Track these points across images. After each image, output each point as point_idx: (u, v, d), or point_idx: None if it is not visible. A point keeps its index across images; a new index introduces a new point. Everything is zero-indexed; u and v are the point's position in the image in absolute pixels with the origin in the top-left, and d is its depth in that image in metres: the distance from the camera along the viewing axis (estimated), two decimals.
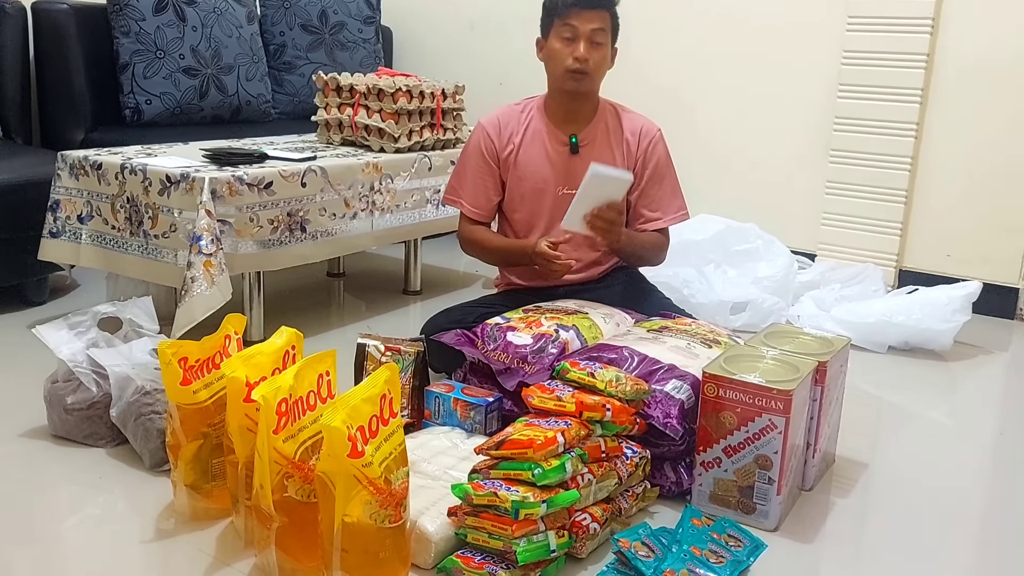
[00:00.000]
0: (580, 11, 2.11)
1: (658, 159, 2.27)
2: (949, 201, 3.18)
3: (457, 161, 2.37)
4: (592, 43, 2.13)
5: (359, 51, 3.96)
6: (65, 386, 1.92)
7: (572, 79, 2.15)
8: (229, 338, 1.71)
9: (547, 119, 2.25)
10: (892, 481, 1.95)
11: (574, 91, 2.18)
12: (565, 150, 2.24)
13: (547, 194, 2.25)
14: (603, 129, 2.26)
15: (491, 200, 2.29)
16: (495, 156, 2.27)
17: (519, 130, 2.26)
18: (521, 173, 2.26)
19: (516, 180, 2.26)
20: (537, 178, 2.25)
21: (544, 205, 2.25)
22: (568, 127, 2.24)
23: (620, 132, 2.27)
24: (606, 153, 2.24)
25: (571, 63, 2.13)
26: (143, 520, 1.67)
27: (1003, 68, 3.03)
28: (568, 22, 2.12)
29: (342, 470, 1.32)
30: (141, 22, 3.29)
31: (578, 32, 2.12)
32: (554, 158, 2.24)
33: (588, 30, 2.12)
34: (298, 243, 2.53)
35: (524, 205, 2.27)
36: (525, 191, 2.26)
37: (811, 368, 1.74)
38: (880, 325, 2.75)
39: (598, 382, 1.66)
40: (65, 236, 2.55)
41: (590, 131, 2.25)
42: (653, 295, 2.38)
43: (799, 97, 3.40)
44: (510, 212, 2.31)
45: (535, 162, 2.25)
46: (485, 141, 2.27)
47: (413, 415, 1.99)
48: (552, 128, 2.25)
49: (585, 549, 1.56)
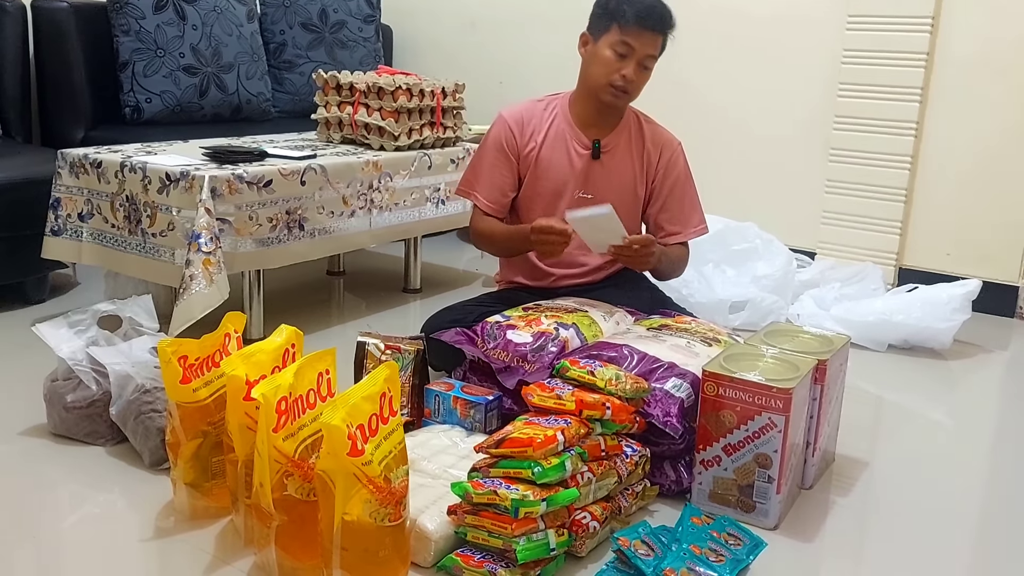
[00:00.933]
0: (643, 31, 2.07)
1: (678, 173, 2.26)
2: (949, 200, 3.18)
3: (474, 153, 2.34)
4: (642, 66, 2.11)
5: (359, 49, 3.96)
6: (65, 384, 1.92)
7: (612, 94, 2.13)
8: (229, 336, 1.71)
9: (571, 120, 2.23)
10: (892, 480, 1.95)
11: (609, 105, 2.17)
12: (587, 154, 2.22)
13: (564, 196, 2.23)
14: (626, 137, 2.24)
15: (506, 195, 2.26)
16: (515, 151, 2.24)
17: (542, 128, 2.23)
18: (540, 173, 2.23)
19: (534, 179, 2.24)
20: (556, 180, 2.23)
21: (560, 207, 2.22)
22: (592, 131, 2.22)
23: (642, 143, 2.25)
24: (626, 162, 2.23)
25: (617, 79, 2.10)
26: (143, 518, 1.67)
27: (1003, 66, 3.03)
28: (627, 40, 2.07)
29: (342, 468, 1.32)
30: (141, 20, 3.29)
31: (634, 52, 2.08)
32: (575, 161, 2.22)
33: (644, 54, 2.09)
34: (296, 241, 2.53)
35: (539, 205, 2.25)
36: (543, 191, 2.24)
37: (811, 367, 1.74)
38: (880, 324, 2.75)
39: (598, 380, 1.66)
40: (66, 234, 2.55)
41: (613, 138, 2.23)
42: (652, 293, 2.38)
43: (799, 95, 3.40)
44: (525, 211, 2.28)
45: (556, 163, 2.23)
46: (506, 135, 2.24)
47: (413, 413, 1.99)
48: (575, 130, 2.22)
49: (585, 547, 1.56)
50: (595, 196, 2.21)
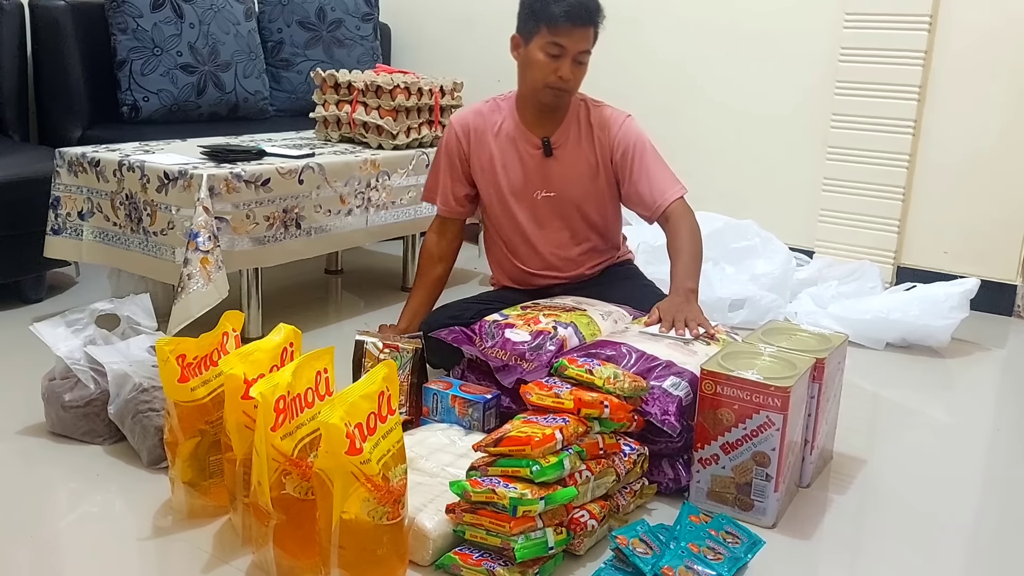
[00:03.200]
0: (572, 29, 2.04)
1: (630, 144, 2.19)
2: (947, 198, 3.18)
3: (432, 159, 2.37)
4: (577, 62, 2.09)
5: (357, 48, 3.96)
6: (63, 383, 1.92)
7: (552, 95, 2.12)
8: (227, 335, 1.71)
9: (519, 120, 2.22)
10: (890, 478, 1.95)
11: (551, 105, 2.15)
12: (539, 153, 2.21)
13: (527, 197, 2.23)
14: (575, 128, 2.22)
15: (460, 200, 2.29)
16: (464, 158, 2.26)
17: (492, 132, 2.23)
18: (497, 176, 2.24)
19: (492, 183, 2.24)
20: (514, 181, 2.23)
21: (523, 207, 2.24)
22: (540, 129, 2.21)
23: (591, 128, 2.22)
24: (580, 153, 2.21)
25: (554, 80, 2.08)
26: (141, 517, 1.66)
27: (1000, 65, 3.03)
28: (558, 40, 2.04)
29: (340, 467, 1.32)
30: (138, 19, 3.28)
31: (566, 51, 2.06)
32: (529, 161, 2.22)
33: (576, 50, 2.06)
34: (293, 239, 2.53)
35: (503, 208, 2.25)
36: (503, 194, 2.24)
37: (809, 365, 1.74)
38: (878, 322, 2.75)
39: (596, 379, 1.66)
40: (67, 233, 2.55)
41: (562, 132, 2.21)
42: (651, 291, 2.37)
43: (796, 93, 3.40)
44: (492, 215, 2.30)
45: (510, 166, 2.22)
46: (455, 143, 2.25)
47: (411, 412, 1.99)
48: (524, 131, 2.21)
49: (583, 546, 1.56)
50: (557, 193, 2.21)
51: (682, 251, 2.11)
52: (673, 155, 2.32)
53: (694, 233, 2.14)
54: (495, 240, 2.34)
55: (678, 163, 2.32)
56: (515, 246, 2.29)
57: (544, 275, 2.31)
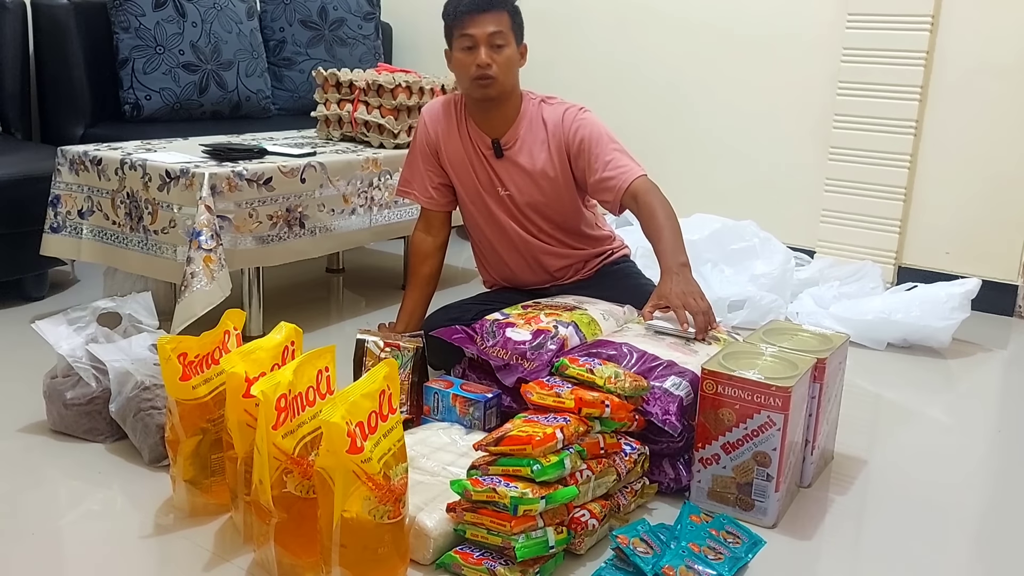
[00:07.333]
0: (474, 17, 2.06)
1: (584, 135, 2.16)
2: (948, 198, 3.18)
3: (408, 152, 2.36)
4: (493, 47, 2.08)
5: (359, 47, 3.96)
6: (64, 381, 1.92)
7: (479, 87, 2.11)
8: (228, 334, 1.71)
9: (472, 123, 2.23)
10: (890, 478, 1.95)
11: (485, 98, 2.14)
12: (491, 153, 2.21)
13: (489, 195, 2.24)
14: (527, 127, 2.20)
15: (439, 189, 2.29)
16: (435, 148, 2.27)
17: (451, 130, 2.24)
18: (456, 175, 2.26)
19: (458, 176, 2.27)
20: (474, 181, 2.24)
21: (488, 205, 2.24)
22: (491, 131, 2.20)
23: (543, 126, 2.20)
24: (533, 152, 2.19)
25: (475, 71, 2.09)
26: (142, 515, 1.67)
27: (1003, 66, 3.03)
28: (465, 32, 2.07)
29: (341, 466, 1.32)
30: (141, 17, 3.29)
31: (476, 39, 2.07)
32: (483, 163, 2.22)
33: (486, 35, 2.07)
34: (296, 238, 2.54)
35: (473, 202, 2.27)
36: (468, 192, 2.27)
37: (810, 365, 1.74)
38: (879, 322, 2.75)
39: (597, 378, 1.66)
40: (66, 231, 2.55)
41: (513, 133, 2.20)
42: (651, 289, 2.37)
43: (798, 94, 3.40)
44: (466, 213, 2.32)
45: (466, 167, 2.24)
46: (425, 134, 2.27)
47: (412, 411, 1.99)
48: (478, 132, 2.21)
49: (584, 545, 1.56)
50: (514, 192, 2.21)
51: (662, 228, 2.06)
52: (675, 155, 2.33)
53: (666, 206, 2.09)
54: (474, 238, 2.36)
55: (679, 163, 2.33)
56: (490, 242, 2.31)
57: (522, 271, 2.32)
